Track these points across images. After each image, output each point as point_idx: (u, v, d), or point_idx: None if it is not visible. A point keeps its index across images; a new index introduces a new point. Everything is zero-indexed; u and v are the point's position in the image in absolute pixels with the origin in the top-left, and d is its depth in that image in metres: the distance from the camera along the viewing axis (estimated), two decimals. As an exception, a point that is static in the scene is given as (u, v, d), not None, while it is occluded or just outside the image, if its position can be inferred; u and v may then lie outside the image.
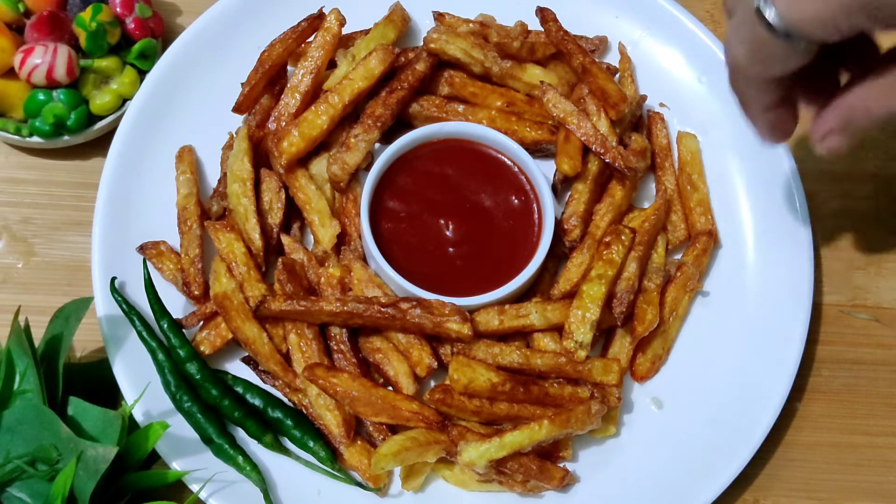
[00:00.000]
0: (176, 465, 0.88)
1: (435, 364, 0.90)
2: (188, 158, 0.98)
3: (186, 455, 0.88)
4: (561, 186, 0.99)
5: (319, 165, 0.98)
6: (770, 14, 0.64)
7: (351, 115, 0.98)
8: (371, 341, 0.92)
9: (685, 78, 1.05)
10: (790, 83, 0.74)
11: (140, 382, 0.90)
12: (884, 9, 0.60)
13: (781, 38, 0.64)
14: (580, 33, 1.03)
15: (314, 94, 0.99)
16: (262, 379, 0.94)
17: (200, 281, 0.94)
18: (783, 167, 1.00)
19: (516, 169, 0.97)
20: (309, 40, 1.00)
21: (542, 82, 0.98)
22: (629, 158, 0.95)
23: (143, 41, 1.02)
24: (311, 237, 0.98)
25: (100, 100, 1.01)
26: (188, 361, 0.91)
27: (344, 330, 0.92)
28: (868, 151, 1.08)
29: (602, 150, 0.94)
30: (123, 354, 0.92)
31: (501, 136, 0.96)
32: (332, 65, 1.00)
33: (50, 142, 1.01)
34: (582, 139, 0.95)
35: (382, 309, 0.89)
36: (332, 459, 0.90)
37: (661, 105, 1.05)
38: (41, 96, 0.99)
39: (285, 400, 0.93)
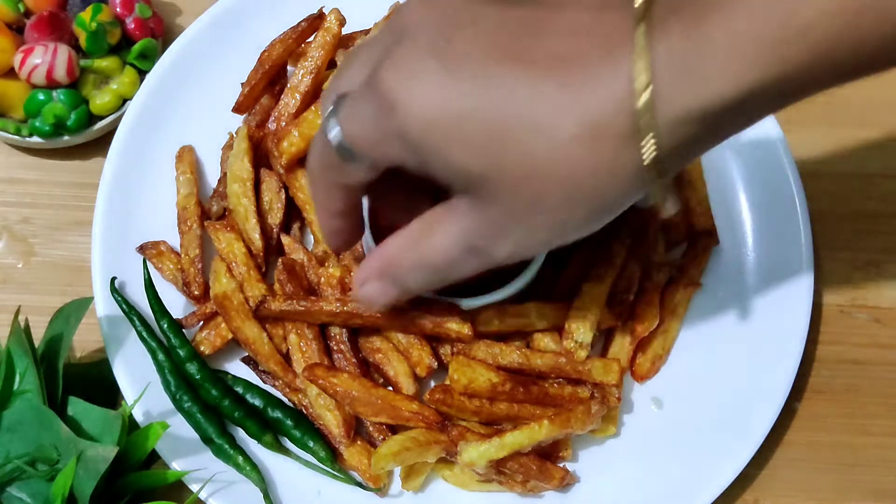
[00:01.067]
0: (176, 465, 0.88)
1: (435, 364, 0.90)
2: (188, 158, 0.98)
3: (186, 455, 0.88)
4: (561, 186, 0.99)
5: (319, 165, 0.98)
6: (332, 132, 0.67)
7: (351, 115, 0.98)
8: (371, 341, 0.92)
9: (685, 78, 1.05)
10: (358, 198, 0.76)
11: (140, 382, 0.90)
12: (417, 146, 0.62)
13: (342, 154, 0.67)
14: (580, 33, 1.03)
15: (314, 94, 0.99)
16: (262, 379, 0.94)
17: (200, 281, 0.94)
18: (783, 167, 1.00)
19: (516, 169, 0.96)
20: (309, 40, 1.00)
21: (542, 82, 0.98)
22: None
23: (143, 41, 1.02)
24: (311, 237, 0.98)
25: (100, 100, 1.01)
26: (188, 361, 0.90)
27: (344, 330, 0.92)
28: (871, 150, 1.08)
29: (602, 150, 0.94)
30: (123, 354, 0.92)
31: (501, 136, 0.96)
32: (332, 65, 1.00)
33: (50, 142, 1.01)
34: (582, 139, 0.95)
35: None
36: (332, 459, 0.90)
37: (661, 105, 1.04)
38: (41, 96, 0.99)
39: (285, 400, 0.93)
